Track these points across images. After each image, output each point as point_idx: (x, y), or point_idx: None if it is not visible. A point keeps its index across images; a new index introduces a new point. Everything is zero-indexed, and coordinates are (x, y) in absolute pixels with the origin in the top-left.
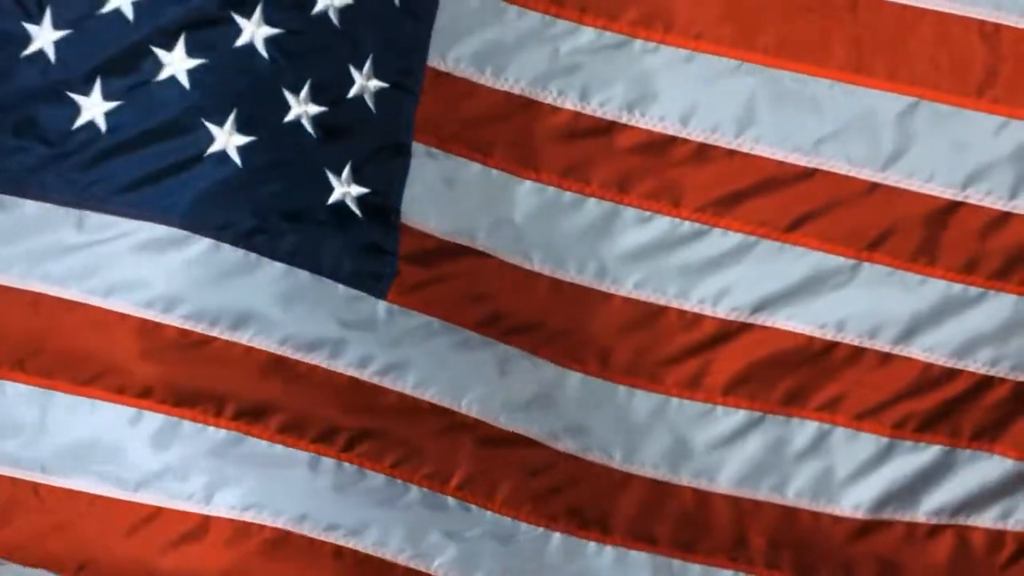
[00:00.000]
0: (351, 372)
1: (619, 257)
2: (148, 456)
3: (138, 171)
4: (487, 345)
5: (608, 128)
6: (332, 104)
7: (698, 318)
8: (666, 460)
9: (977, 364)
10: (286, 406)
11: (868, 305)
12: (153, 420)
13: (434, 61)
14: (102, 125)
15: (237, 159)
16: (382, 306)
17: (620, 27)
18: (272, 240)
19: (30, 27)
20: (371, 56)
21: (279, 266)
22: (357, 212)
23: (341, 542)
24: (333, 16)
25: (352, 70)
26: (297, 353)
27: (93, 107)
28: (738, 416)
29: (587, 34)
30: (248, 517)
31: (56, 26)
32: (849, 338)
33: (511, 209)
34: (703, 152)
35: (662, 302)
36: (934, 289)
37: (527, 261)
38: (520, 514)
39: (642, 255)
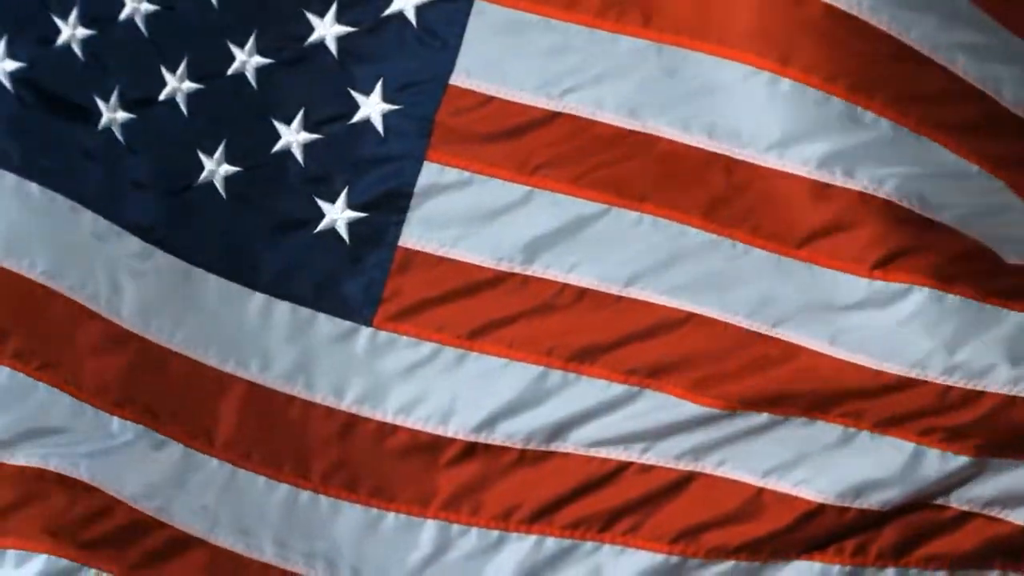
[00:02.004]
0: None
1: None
2: None
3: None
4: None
5: (627, 136)
6: (328, 132)
7: (726, 327)
8: (688, 453)
9: (997, 384)
10: None
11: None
12: None
13: (458, 79)
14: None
15: (223, 191)
16: (366, 331)
17: (656, 35)
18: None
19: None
20: (382, 79)
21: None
22: (345, 237)
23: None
24: (331, 44)
25: (355, 94)
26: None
27: (108, 114)
28: (761, 418)
29: (625, 43)
30: None
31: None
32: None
33: (540, 223)
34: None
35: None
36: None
37: (563, 274)
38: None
39: None
